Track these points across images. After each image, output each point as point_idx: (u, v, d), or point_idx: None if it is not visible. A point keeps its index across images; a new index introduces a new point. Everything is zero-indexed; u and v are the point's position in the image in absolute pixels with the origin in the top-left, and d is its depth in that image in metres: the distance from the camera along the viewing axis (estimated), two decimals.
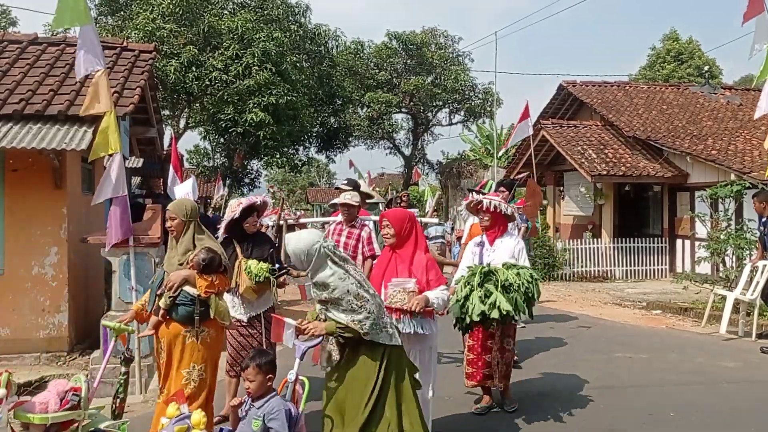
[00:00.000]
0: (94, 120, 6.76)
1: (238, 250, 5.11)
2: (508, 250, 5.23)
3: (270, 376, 3.55)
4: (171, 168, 10.57)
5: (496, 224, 5.32)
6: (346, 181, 6.83)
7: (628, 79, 28.92)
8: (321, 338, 3.62)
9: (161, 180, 11.71)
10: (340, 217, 6.15)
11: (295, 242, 3.59)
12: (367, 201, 7.88)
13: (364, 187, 8.71)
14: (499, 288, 4.73)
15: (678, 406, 5.46)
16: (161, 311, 4.22)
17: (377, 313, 3.56)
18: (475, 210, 5.45)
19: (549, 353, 7.37)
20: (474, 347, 5.34)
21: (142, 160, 13.04)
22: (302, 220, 6.38)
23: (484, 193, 6.08)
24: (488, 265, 4.98)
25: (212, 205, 20.79)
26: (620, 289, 13.25)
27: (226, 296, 4.70)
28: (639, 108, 17.12)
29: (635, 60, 72.19)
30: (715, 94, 18.53)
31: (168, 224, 4.48)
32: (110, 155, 6.35)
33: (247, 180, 24.57)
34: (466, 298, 4.75)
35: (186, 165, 25.50)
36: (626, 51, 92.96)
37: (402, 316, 4.12)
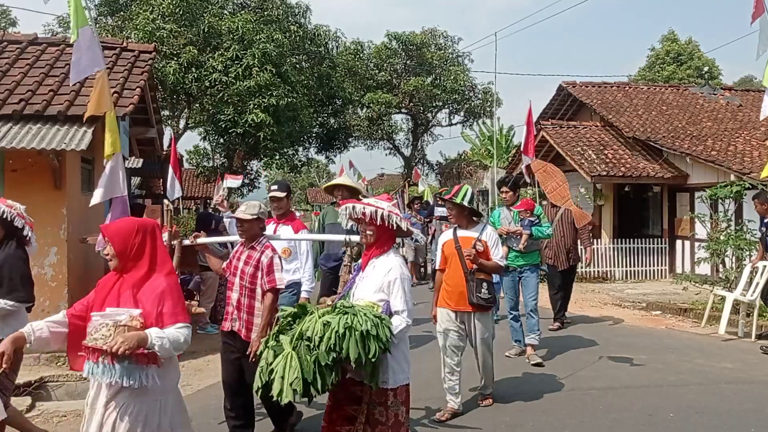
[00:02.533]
0: (94, 120, 6.75)
1: None
2: (374, 282, 3.62)
3: None
4: (170, 168, 10.61)
5: (382, 240, 3.74)
6: (276, 186, 5.69)
7: (628, 80, 28.93)
8: None
9: (161, 180, 11.73)
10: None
11: None
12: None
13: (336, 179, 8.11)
14: (293, 342, 3.29)
15: (677, 407, 5.46)
16: None
17: None
18: (358, 220, 3.80)
19: (548, 354, 7.37)
20: (328, 410, 3.70)
21: (141, 160, 13.08)
22: (200, 240, 4.99)
23: (455, 202, 5.26)
24: (305, 306, 3.57)
25: (212, 206, 20.79)
26: (620, 290, 13.24)
27: None
28: (639, 109, 17.13)
29: (635, 61, 72.46)
30: (715, 95, 18.54)
31: None
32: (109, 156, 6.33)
33: (246, 180, 24.58)
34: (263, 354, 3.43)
35: (185, 165, 25.55)
36: (626, 52, 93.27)
37: (102, 358, 2.88)
